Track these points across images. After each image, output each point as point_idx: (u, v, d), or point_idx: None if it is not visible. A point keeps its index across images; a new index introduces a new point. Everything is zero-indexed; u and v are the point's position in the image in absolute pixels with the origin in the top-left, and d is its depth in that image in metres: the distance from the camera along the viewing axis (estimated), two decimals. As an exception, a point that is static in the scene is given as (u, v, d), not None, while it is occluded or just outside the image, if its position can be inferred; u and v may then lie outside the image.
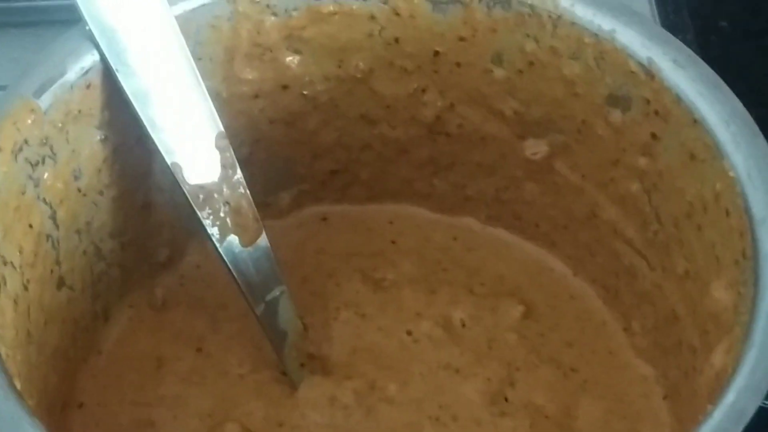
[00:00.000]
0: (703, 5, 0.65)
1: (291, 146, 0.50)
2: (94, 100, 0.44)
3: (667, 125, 0.43)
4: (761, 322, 0.38)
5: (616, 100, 0.45)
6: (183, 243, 0.50)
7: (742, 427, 0.36)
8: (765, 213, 0.40)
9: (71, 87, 0.43)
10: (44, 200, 0.43)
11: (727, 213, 0.41)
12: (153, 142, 0.44)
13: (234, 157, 0.45)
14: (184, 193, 0.44)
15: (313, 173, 0.51)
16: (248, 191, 0.45)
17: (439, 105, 0.49)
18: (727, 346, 0.40)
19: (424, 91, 0.48)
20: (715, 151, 0.42)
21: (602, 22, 0.44)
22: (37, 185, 0.43)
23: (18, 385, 0.38)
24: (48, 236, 0.44)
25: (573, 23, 0.45)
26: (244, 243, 0.45)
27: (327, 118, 0.49)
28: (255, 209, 0.45)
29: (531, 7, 0.45)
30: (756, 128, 0.42)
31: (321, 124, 0.50)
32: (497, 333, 0.49)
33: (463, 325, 0.49)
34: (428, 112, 0.49)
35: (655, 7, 0.60)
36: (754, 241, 0.40)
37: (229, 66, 0.47)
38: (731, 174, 0.41)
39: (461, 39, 0.47)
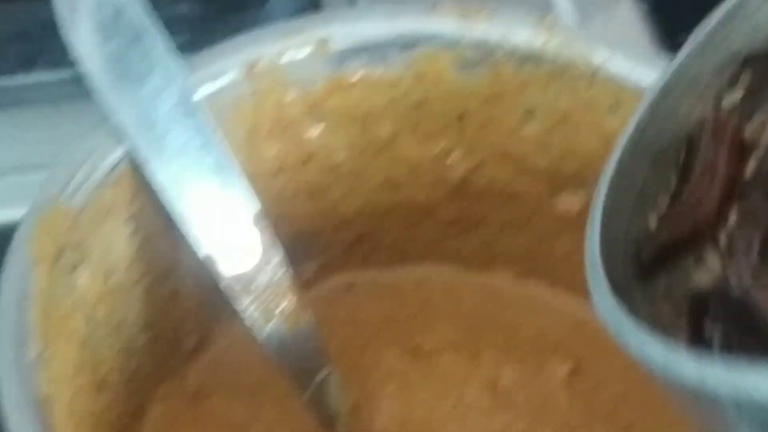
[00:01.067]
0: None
1: (314, 218, 0.49)
2: (123, 194, 0.42)
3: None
4: None
5: (656, 151, 0.44)
6: (211, 327, 0.48)
7: None
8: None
9: (101, 185, 0.41)
10: (83, 304, 0.41)
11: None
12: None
13: (274, 236, 0.43)
14: (217, 283, 0.43)
15: (337, 242, 0.50)
16: (290, 270, 0.44)
17: (466, 165, 0.47)
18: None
19: (449, 152, 0.47)
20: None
21: (641, 75, 0.43)
22: (75, 290, 0.41)
23: None
24: (88, 340, 0.42)
25: (609, 78, 0.43)
26: (288, 327, 0.44)
27: (351, 186, 0.48)
28: (297, 289, 0.44)
29: (564, 63, 0.44)
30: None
31: (344, 192, 0.48)
32: (547, 394, 0.47)
33: (511, 389, 0.48)
34: (454, 173, 0.48)
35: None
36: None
37: (251, 144, 0.45)
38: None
39: (489, 98, 0.45)
